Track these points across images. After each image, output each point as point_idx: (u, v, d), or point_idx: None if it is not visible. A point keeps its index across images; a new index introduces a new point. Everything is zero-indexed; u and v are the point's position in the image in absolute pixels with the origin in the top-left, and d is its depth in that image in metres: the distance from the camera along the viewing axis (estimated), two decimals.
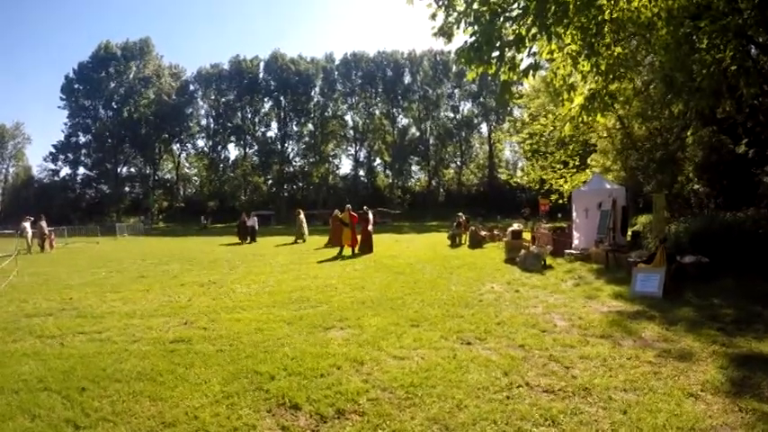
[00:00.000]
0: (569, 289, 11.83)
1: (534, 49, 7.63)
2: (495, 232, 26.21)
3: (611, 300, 10.45)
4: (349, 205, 24.39)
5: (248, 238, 32.26)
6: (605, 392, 5.44)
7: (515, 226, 21.14)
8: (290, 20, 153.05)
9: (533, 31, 6.90)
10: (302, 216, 32.35)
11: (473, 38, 7.40)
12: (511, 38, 7.23)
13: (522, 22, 7.13)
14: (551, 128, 24.70)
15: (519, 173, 41.75)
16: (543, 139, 26.27)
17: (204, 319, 9.45)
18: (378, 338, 7.67)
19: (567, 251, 17.72)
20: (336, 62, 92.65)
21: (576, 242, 18.80)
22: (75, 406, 5.51)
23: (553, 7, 6.56)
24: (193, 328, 8.86)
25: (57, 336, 8.73)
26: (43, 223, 31.34)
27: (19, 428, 5.05)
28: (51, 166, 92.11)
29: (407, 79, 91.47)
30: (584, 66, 8.23)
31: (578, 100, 8.79)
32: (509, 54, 7.16)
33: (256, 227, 33.45)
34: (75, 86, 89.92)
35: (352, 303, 10.59)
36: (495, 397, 5.39)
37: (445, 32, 8.11)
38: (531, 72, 7.35)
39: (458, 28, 7.89)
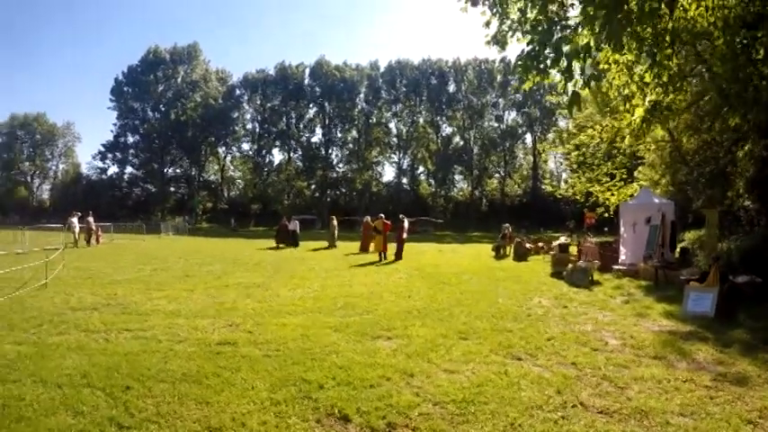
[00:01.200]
0: (618, 306, 11.58)
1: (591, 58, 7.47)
2: (540, 245, 25.85)
3: (663, 318, 10.21)
4: (382, 214, 25.04)
5: (289, 243, 32.04)
6: (662, 416, 5.30)
7: (562, 239, 20.81)
8: (335, 27, 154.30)
9: (602, 38, 6.73)
10: (335, 222, 32.49)
11: (530, 46, 7.27)
12: (567, 47, 7.08)
13: (584, 31, 6.97)
14: (598, 139, 24.37)
15: (563, 185, 41.16)
16: (590, 150, 25.91)
17: (250, 323, 9.46)
18: (427, 350, 7.57)
19: (615, 267, 17.35)
20: (381, 70, 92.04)
21: (622, 257, 18.43)
22: (119, 405, 5.52)
23: (618, 16, 6.39)
24: (239, 330, 8.86)
25: (101, 331, 8.83)
26: (90, 219, 32.32)
27: (62, 424, 5.05)
28: (100, 164, 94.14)
29: (452, 88, 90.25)
30: (646, 76, 8.03)
31: (639, 112, 8.59)
32: (565, 63, 7.00)
33: (298, 231, 33.23)
34: (125, 89, 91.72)
35: (398, 312, 10.51)
36: (550, 416, 5.25)
37: (499, 41, 8.01)
38: (593, 82, 7.18)
39: (512, 36, 7.78)
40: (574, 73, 6.94)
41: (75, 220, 31.81)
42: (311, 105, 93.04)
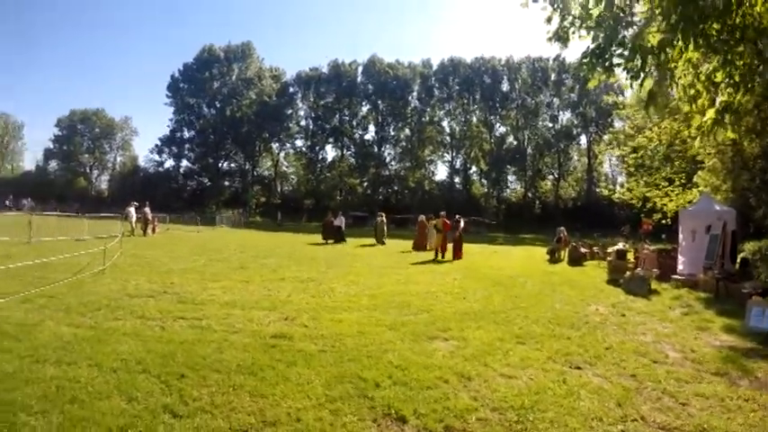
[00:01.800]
0: (678, 318, 11.19)
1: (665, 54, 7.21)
2: (595, 250, 25.23)
3: (723, 333, 9.81)
4: (443, 212, 24.97)
5: (337, 238, 31.95)
6: None
7: (620, 245, 20.22)
8: (388, 24, 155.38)
9: (676, 35, 6.50)
10: (382, 219, 32.55)
11: (594, 43, 7.08)
12: (629, 44, 6.85)
13: (652, 27, 6.75)
14: (657, 141, 23.75)
15: (618, 188, 40.21)
16: (648, 153, 25.29)
17: (305, 317, 9.47)
18: (484, 353, 7.44)
19: (674, 276, 16.85)
20: (434, 68, 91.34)
21: (680, 267, 17.83)
22: (173, 392, 5.55)
23: (691, 11, 6.16)
24: (294, 324, 8.87)
25: (157, 318, 8.98)
26: (147, 209, 33.56)
27: (115, 409, 5.09)
28: (156, 157, 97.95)
29: (505, 86, 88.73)
30: (717, 75, 7.73)
31: (710, 113, 8.27)
32: (639, 61, 6.77)
33: (343, 227, 33.27)
34: (181, 85, 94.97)
35: (454, 314, 10.37)
36: (610, 429, 5.11)
37: (560, 37, 7.79)
38: (664, 81, 6.96)
39: (574, 33, 7.57)
40: (648, 71, 6.74)
41: (132, 209, 33.15)
42: (364, 103, 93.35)
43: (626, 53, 6.72)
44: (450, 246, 23.30)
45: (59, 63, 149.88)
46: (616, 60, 7.11)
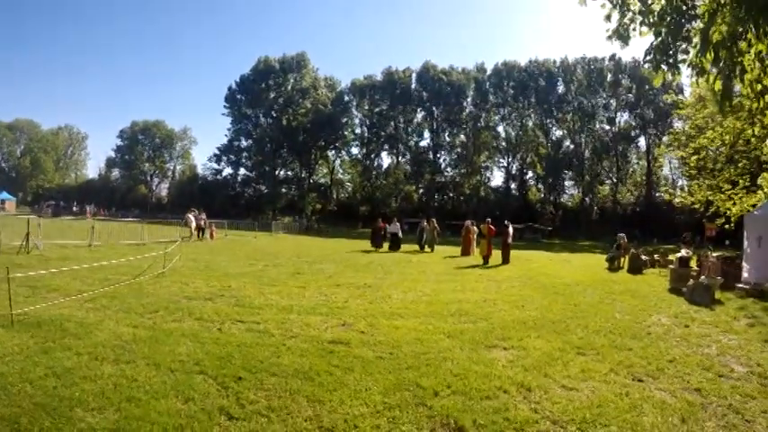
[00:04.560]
0: (743, 329, 10.54)
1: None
2: (656, 257, 24.39)
3: None
4: (489, 218, 25.71)
5: (389, 244, 31.29)
6: None
7: (683, 252, 19.43)
8: (439, 30, 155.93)
9: (747, 25, 6.24)
10: (429, 225, 31.94)
11: (657, 39, 6.86)
12: (694, 38, 6.61)
13: (718, 20, 6.50)
14: (719, 142, 22.95)
15: (679, 192, 39.01)
16: (710, 154, 24.46)
17: (362, 323, 9.45)
18: (543, 364, 7.25)
19: (739, 285, 16.07)
20: (488, 72, 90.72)
21: (745, 275, 16.95)
22: (230, 395, 5.60)
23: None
24: (351, 330, 8.86)
25: (215, 321, 9.15)
26: (203, 215, 35.92)
27: (171, 409, 5.16)
28: (215, 165, 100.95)
29: (561, 89, 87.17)
30: None
31: None
32: (712, 55, 6.52)
33: (400, 234, 32.53)
34: (238, 96, 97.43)
35: (513, 322, 10.16)
36: None
37: (621, 35, 7.59)
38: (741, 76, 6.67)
39: (634, 29, 7.38)
40: (721, 66, 6.48)
41: (191, 216, 34.40)
42: (419, 109, 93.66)
43: (690, 48, 6.47)
44: (498, 251, 23.57)
45: (120, 76, 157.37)
46: (681, 57, 6.88)
